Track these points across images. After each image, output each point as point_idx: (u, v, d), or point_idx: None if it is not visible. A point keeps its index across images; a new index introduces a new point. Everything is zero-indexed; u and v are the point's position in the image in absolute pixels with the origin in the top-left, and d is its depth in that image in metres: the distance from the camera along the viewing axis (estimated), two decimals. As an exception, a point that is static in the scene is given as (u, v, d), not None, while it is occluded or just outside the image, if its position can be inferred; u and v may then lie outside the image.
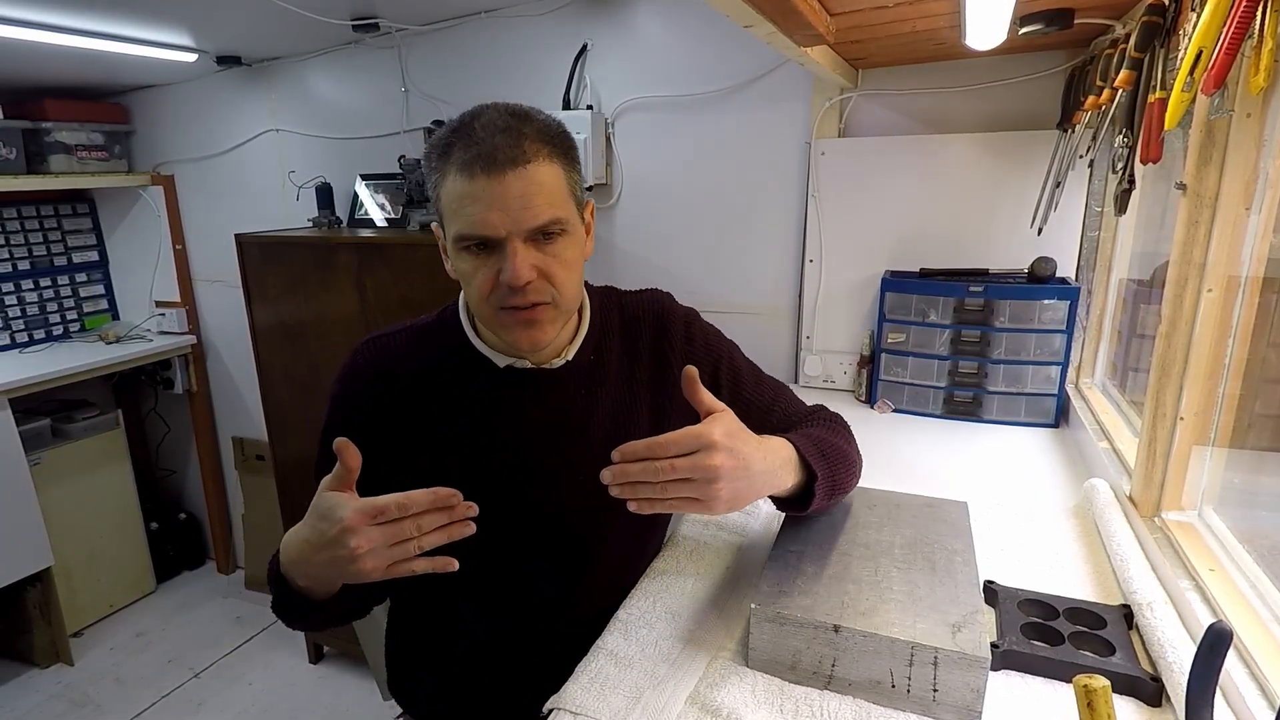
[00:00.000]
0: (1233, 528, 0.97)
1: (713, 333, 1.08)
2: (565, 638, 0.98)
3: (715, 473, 0.74)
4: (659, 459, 0.74)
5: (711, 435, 0.75)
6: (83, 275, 3.14)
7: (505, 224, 0.80)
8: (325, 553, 0.74)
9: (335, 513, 0.72)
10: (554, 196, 0.82)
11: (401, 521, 0.71)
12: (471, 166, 0.79)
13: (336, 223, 2.39)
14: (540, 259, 0.83)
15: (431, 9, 2.10)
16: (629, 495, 0.75)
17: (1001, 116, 1.68)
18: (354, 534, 0.71)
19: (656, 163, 2.05)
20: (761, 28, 1.11)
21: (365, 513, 0.71)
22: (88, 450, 2.79)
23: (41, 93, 2.68)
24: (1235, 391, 0.99)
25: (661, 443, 0.74)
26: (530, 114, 0.84)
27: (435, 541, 0.73)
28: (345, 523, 0.71)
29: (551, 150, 0.82)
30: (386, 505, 0.71)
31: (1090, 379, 1.69)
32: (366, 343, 0.97)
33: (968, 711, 0.72)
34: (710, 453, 0.74)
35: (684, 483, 0.75)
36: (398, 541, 0.72)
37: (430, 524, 0.72)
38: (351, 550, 0.71)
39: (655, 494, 0.75)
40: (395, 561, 0.73)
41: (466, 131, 0.80)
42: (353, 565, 0.72)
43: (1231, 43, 0.70)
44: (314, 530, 0.75)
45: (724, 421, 0.78)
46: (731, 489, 0.77)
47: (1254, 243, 0.93)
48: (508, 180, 0.78)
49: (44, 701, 2.46)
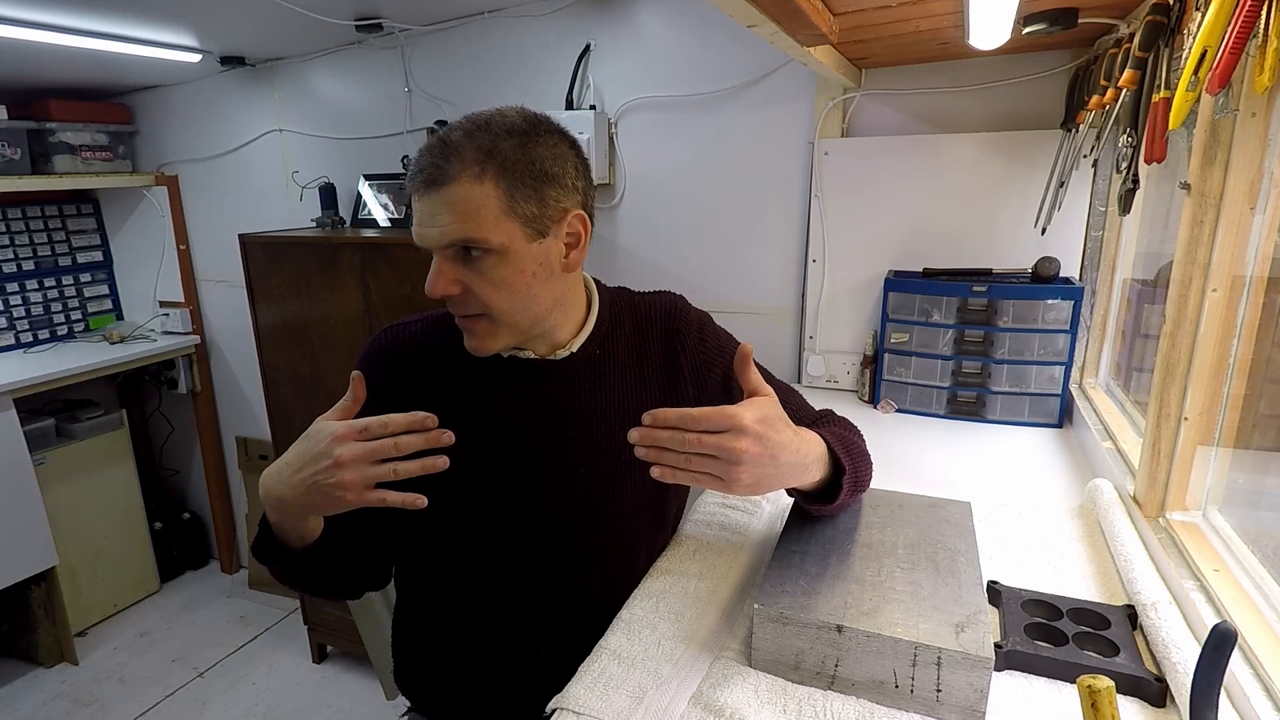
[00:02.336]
0: (1237, 528, 0.97)
1: (725, 336, 1.09)
2: (568, 632, 0.99)
3: (739, 455, 0.75)
4: (688, 430, 0.75)
5: (743, 419, 0.76)
6: (87, 275, 3.14)
7: (424, 239, 0.86)
8: (306, 470, 0.77)
9: (326, 429, 0.77)
10: (470, 217, 0.81)
11: (383, 440, 0.75)
12: (413, 181, 0.85)
13: (340, 223, 2.39)
14: (464, 274, 0.86)
15: (435, 9, 2.10)
16: (653, 459, 0.77)
17: (1005, 116, 1.68)
18: (340, 444, 0.75)
19: (659, 163, 2.05)
20: (765, 27, 1.11)
21: (353, 427, 0.76)
22: (92, 450, 2.80)
23: (46, 93, 2.69)
24: (1240, 391, 0.99)
25: (694, 416, 0.76)
26: (488, 125, 0.84)
27: (411, 470, 0.77)
28: (335, 433, 0.75)
29: (483, 169, 0.81)
30: (369, 422, 0.76)
31: (1094, 379, 1.69)
32: (386, 329, 1.02)
33: (971, 712, 0.72)
34: (738, 435, 0.75)
35: (708, 459, 0.76)
36: (378, 460, 0.75)
37: (408, 445, 0.76)
38: (335, 460, 0.74)
39: (678, 463, 0.77)
40: (372, 485, 0.76)
41: (424, 146, 0.86)
42: (333, 478, 0.75)
43: (1236, 42, 0.70)
44: (299, 450, 0.79)
45: (761, 407, 0.79)
46: (754, 474, 0.77)
47: (1258, 242, 0.93)
48: (429, 199, 0.83)
49: (49, 701, 2.46)
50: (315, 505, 0.80)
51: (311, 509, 0.81)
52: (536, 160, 0.85)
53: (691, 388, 1.03)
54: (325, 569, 0.92)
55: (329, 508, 0.80)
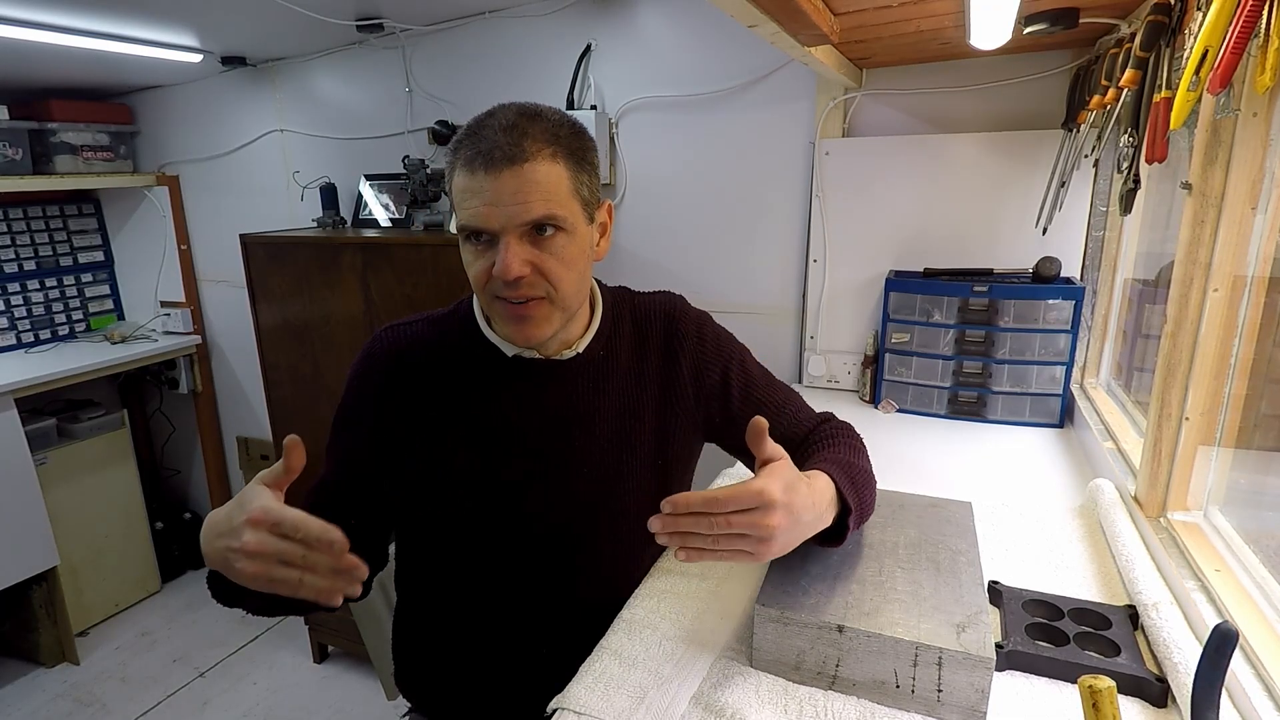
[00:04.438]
0: (1238, 528, 0.97)
1: (725, 336, 1.08)
2: (569, 632, 0.99)
3: (772, 532, 0.73)
4: (715, 514, 0.72)
5: (773, 493, 0.73)
6: (88, 275, 3.15)
7: (499, 219, 0.82)
8: (222, 540, 0.72)
9: (251, 503, 0.71)
10: (551, 194, 0.83)
11: (294, 544, 0.69)
12: (473, 163, 0.82)
13: (341, 223, 2.39)
14: (535, 254, 0.85)
15: (436, 9, 2.10)
16: (677, 544, 0.74)
17: (1006, 116, 1.68)
18: (253, 530, 0.69)
19: (660, 163, 2.05)
20: (766, 27, 1.11)
21: (268, 515, 0.69)
22: (93, 450, 2.80)
23: (47, 93, 2.69)
24: (1241, 391, 0.99)
25: (721, 499, 0.72)
26: (542, 113, 0.86)
27: (320, 586, 0.70)
28: (251, 515, 0.69)
29: (555, 150, 0.84)
30: (283, 519, 0.69)
31: (1095, 379, 1.69)
32: (386, 329, 1.01)
33: (972, 712, 0.72)
34: (769, 512, 0.72)
35: (738, 538, 0.73)
36: (285, 562, 0.69)
37: (317, 563, 0.69)
38: (242, 546, 0.68)
39: (705, 545, 0.74)
40: (275, 581, 0.69)
41: (476, 129, 0.84)
42: (236, 563, 0.69)
43: (1237, 42, 0.70)
44: (228, 512, 0.73)
45: (782, 474, 0.76)
46: (782, 544, 0.76)
47: (1259, 242, 0.93)
48: (504, 177, 0.81)
49: (49, 701, 2.46)
50: (231, 577, 0.73)
51: (230, 577, 0.74)
52: (586, 148, 0.88)
53: (690, 386, 1.03)
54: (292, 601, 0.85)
55: (237, 579, 0.73)
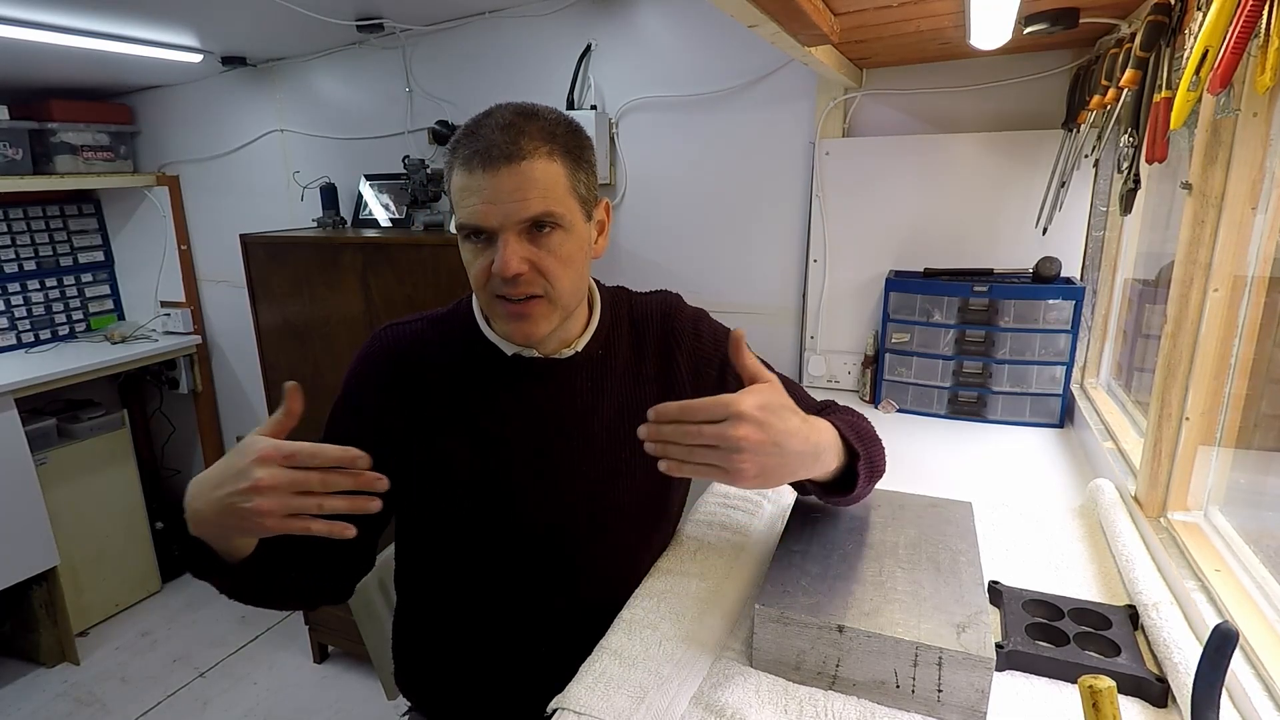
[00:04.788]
0: (1239, 528, 0.97)
1: (722, 331, 1.08)
2: (569, 631, 0.99)
3: (738, 443, 0.72)
4: (688, 422, 0.74)
5: (740, 405, 0.73)
6: (88, 275, 3.15)
7: (497, 216, 0.83)
8: (224, 489, 0.70)
9: (254, 445, 0.70)
10: (548, 191, 0.84)
11: (310, 472, 0.69)
12: (471, 161, 0.83)
13: (341, 223, 2.39)
14: (533, 252, 0.85)
15: (436, 9, 2.10)
16: (660, 454, 0.76)
17: (1006, 116, 1.68)
18: (263, 466, 0.69)
19: (661, 163, 2.05)
20: (766, 27, 1.11)
21: (280, 450, 0.69)
22: (93, 450, 2.80)
23: (47, 93, 2.69)
24: (1241, 391, 0.99)
25: (692, 407, 0.74)
26: (539, 112, 0.87)
27: (338, 507, 0.71)
28: (260, 453, 0.69)
29: (552, 147, 0.84)
30: (299, 449, 0.70)
31: (1095, 379, 1.69)
32: (386, 328, 1.01)
33: (972, 712, 0.72)
34: (736, 423, 0.72)
35: (710, 449, 0.73)
36: (301, 491, 0.69)
37: (335, 483, 0.70)
38: (254, 484, 0.68)
39: (683, 456, 0.75)
40: (293, 514, 0.70)
41: (473, 129, 0.85)
42: (249, 502, 0.68)
43: (1237, 42, 0.70)
44: (223, 464, 0.72)
45: (761, 394, 0.76)
46: (758, 464, 0.74)
47: (1260, 242, 0.93)
48: (502, 175, 0.82)
49: (50, 701, 2.46)
50: (231, 527, 0.73)
51: (228, 530, 0.75)
52: (582, 146, 0.89)
53: (689, 384, 1.03)
54: (268, 584, 0.85)
55: (245, 531, 0.74)
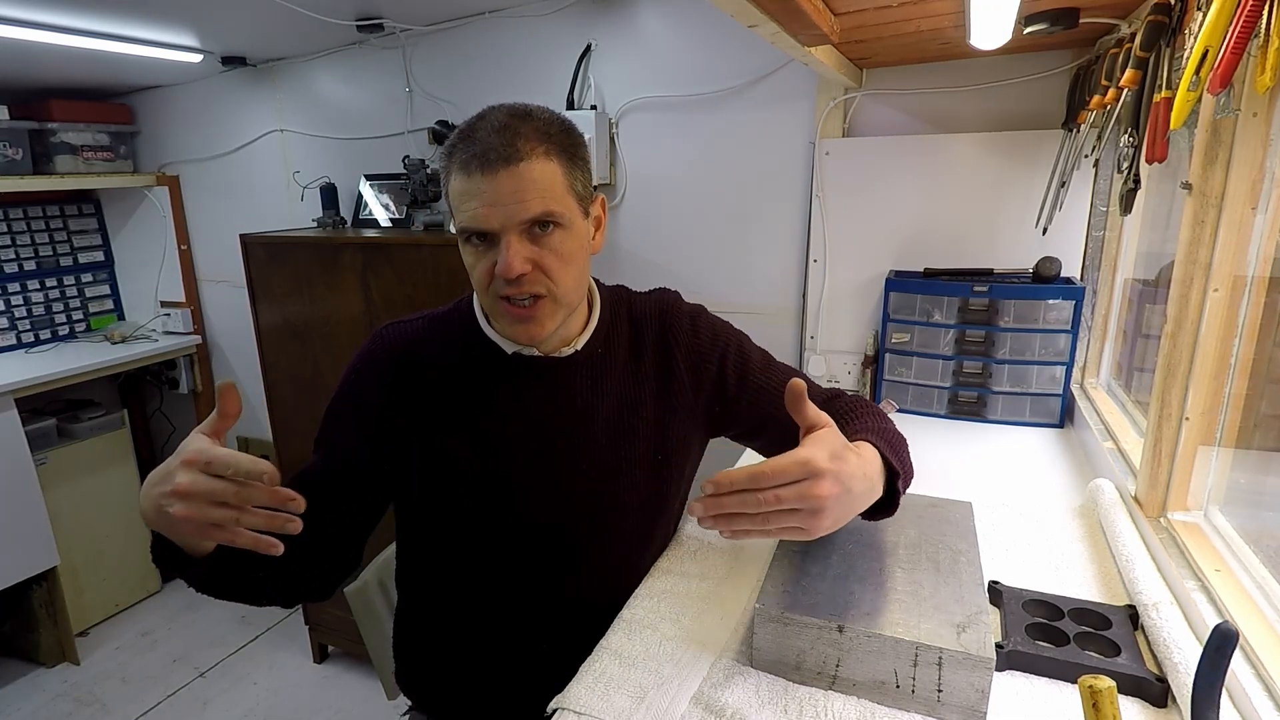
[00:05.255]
0: (1239, 528, 0.97)
1: (720, 325, 1.08)
2: (570, 630, 0.99)
3: (822, 503, 0.69)
4: (762, 489, 0.69)
5: (820, 462, 0.69)
6: (88, 275, 3.15)
7: (498, 218, 0.83)
8: (156, 488, 0.70)
9: (187, 446, 0.69)
10: (547, 191, 0.84)
11: (225, 482, 0.67)
12: (469, 165, 0.83)
13: (341, 223, 2.39)
14: (534, 252, 0.85)
15: (436, 9, 2.10)
16: (723, 526, 0.72)
17: (1006, 116, 1.68)
18: (185, 471, 0.67)
19: (661, 163, 2.05)
20: (766, 27, 1.11)
21: (202, 456, 0.67)
22: (93, 450, 2.80)
23: (47, 93, 2.69)
24: (1241, 391, 0.99)
25: (766, 473, 0.69)
26: (532, 113, 0.87)
27: (256, 524, 0.69)
28: (185, 456, 0.68)
29: (548, 147, 0.84)
30: (216, 456, 0.67)
31: (1095, 379, 1.69)
32: (387, 326, 1.01)
33: (972, 712, 0.72)
34: (817, 481, 0.69)
35: (788, 513, 0.70)
36: (218, 502, 0.67)
37: (249, 498, 0.68)
38: (174, 488, 0.67)
39: (755, 525, 0.71)
40: (212, 524, 0.68)
41: (469, 133, 0.85)
42: (170, 507, 0.67)
43: (1237, 42, 0.70)
44: (164, 467, 0.71)
45: (828, 442, 0.73)
46: (835, 516, 0.72)
47: (1260, 242, 0.93)
48: (500, 177, 0.82)
49: (50, 701, 2.46)
50: (165, 529, 0.72)
51: (164, 531, 0.73)
52: (577, 144, 0.89)
53: (688, 381, 1.03)
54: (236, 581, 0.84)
55: (175, 536, 0.72)
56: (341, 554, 0.96)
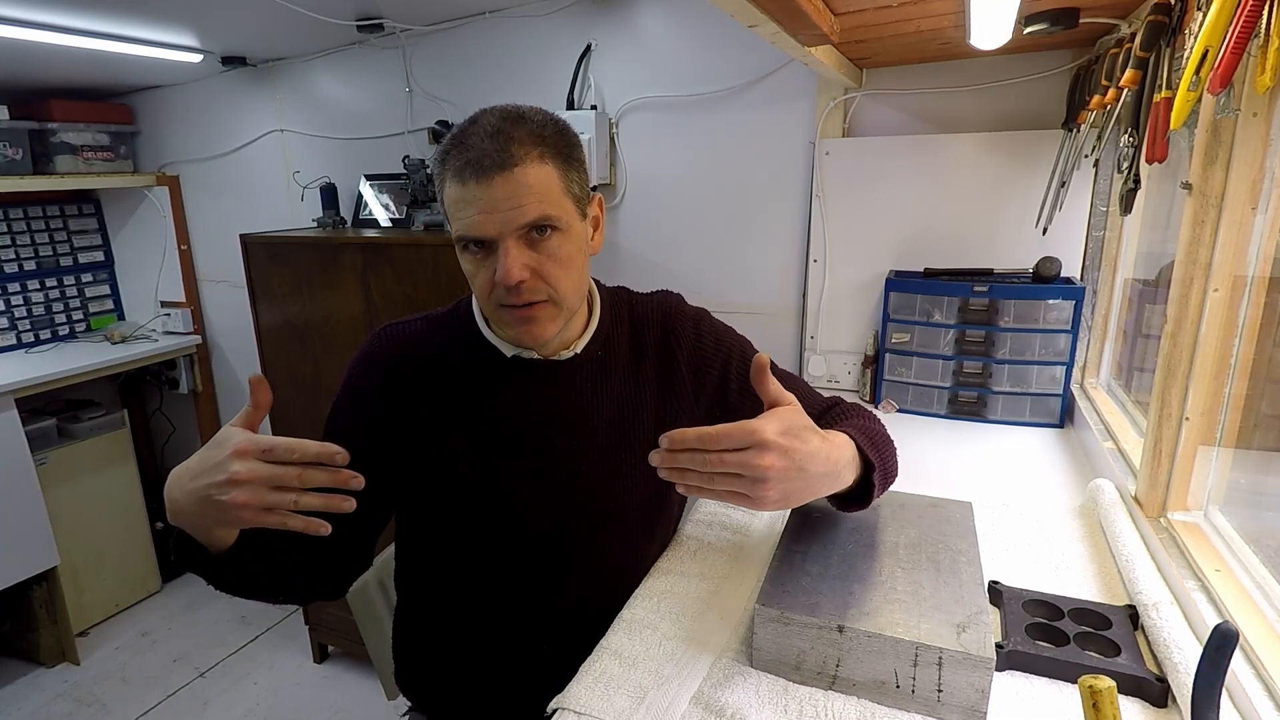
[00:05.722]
0: (1239, 528, 0.97)
1: (723, 330, 1.08)
2: (569, 630, 0.99)
3: (764, 472, 0.71)
4: (708, 451, 0.72)
5: (765, 433, 0.71)
6: (88, 275, 3.15)
7: (495, 225, 0.83)
8: (201, 480, 0.71)
9: (230, 439, 0.71)
10: (544, 195, 0.84)
11: (287, 467, 0.70)
12: (463, 173, 0.82)
13: (341, 223, 2.39)
14: (533, 257, 0.85)
15: (436, 9, 2.10)
16: (676, 479, 0.74)
17: (1006, 116, 1.68)
18: (240, 459, 0.69)
19: (661, 163, 2.05)
20: (766, 27, 1.11)
21: (257, 444, 0.70)
22: (93, 450, 2.80)
23: (47, 93, 2.69)
24: (1241, 391, 0.99)
25: (712, 434, 0.72)
26: (525, 116, 0.86)
27: (313, 504, 0.71)
28: (237, 446, 0.70)
29: (543, 151, 0.84)
30: (276, 443, 0.70)
31: (1095, 379, 1.69)
32: (386, 328, 1.01)
33: (972, 712, 0.72)
34: (761, 452, 0.71)
35: (732, 477, 0.72)
36: (278, 486, 0.70)
37: (313, 479, 0.71)
38: (230, 476, 0.69)
39: (702, 483, 0.73)
40: (269, 509, 0.70)
41: (462, 139, 0.84)
42: (226, 495, 0.69)
43: (1237, 42, 0.70)
44: (201, 456, 0.73)
45: (783, 418, 0.75)
46: (781, 490, 0.74)
47: (1260, 242, 0.93)
48: (495, 184, 0.81)
49: (50, 701, 2.46)
50: (209, 518, 0.74)
51: (205, 521, 0.75)
52: (572, 145, 0.88)
53: (690, 385, 1.03)
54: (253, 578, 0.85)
55: (222, 523, 0.74)
56: (353, 553, 0.98)
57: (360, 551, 0.99)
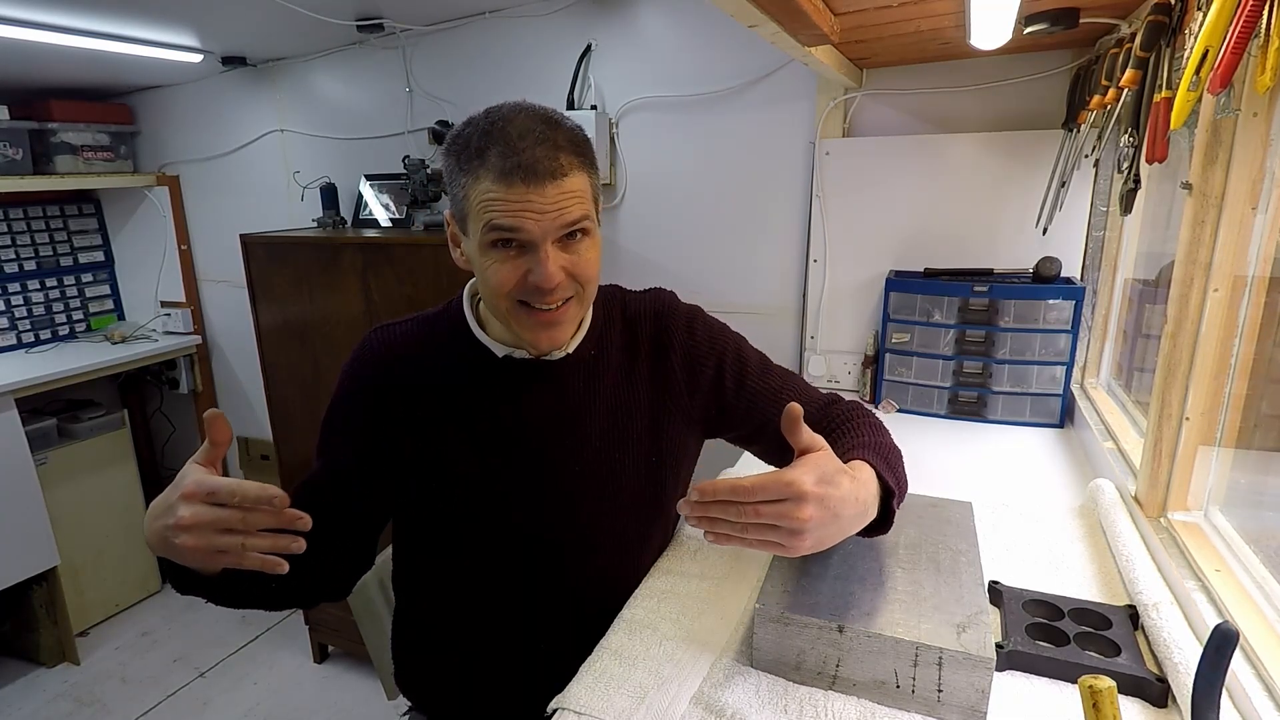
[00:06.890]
0: (1239, 528, 0.97)
1: (717, 327, 1.08)
2: (568, 630, 0.99)
3: (802, 525, 0.70)
4: (743, 503, 0.70)
5: (803, 485, 0.70)
6: (89, 275, 3.15)
7: (540, 229, 0.83)
8: (159, 521, 0.71)
9: (182, 478, 0.71)
10: (584, 201, 0.86)
11: (230, 510, 0.69)
12: (510, 176, 0.80)
13: (341, 223, 2.39)
14: (567, 260, 0.86)
15: (436, 9, 2.10)
16: (706, 529, 0.73)
17: (1006, 116, 1.68)
18: (186, 504, 0.69)
19: (661, 163, 2.05)
20: (766, 28, 1.11)
21: (203, 486, 0.69)
22: (93, 450, 2.80)
23: (47, 93, 2.69)
24: (1241, 391, 0.99)
25: (747, 487, 0.70)
26: (559, 121, 0.86)
27: (262, 547, 0.71)
28: (184, 490, 0.70)
29: (581, 160, 0.85)
30: (219, 486, 0.69)
31: (1095, 379, 1.69)
32: (377, 329, 1.01)
33: (973, 712, 0.72)
34: (799, 504, 0.70)
35: (767, 528, 0.71)
36: (224, 529, 0.70)
37: (258, 522, 0.70)
38: (177, 521, 0.69)
39: (735, 532, 0.72)
40: (219, 550, 0.70)
41: (502, 137, 0.81)
42: (175, 539, 0.69)
43: (1238, 42, 0.70)
44: (164, 495, 0.73)
45: (818, 465, 0.73)
46: (817, 537, 0.72)
47: (1260, 242, 0.93)
48: (547, 190, 0.81)
49: (50, 701, 2.46)
50: (174, 557, 0.74)
51: (174, 558, 0.75)
52: (592, 150, 0.90)
53: (684, 384, 1.03)
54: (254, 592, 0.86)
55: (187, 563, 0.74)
56: (354, 554, 0.99)
57: (361, 552, 1.00)
